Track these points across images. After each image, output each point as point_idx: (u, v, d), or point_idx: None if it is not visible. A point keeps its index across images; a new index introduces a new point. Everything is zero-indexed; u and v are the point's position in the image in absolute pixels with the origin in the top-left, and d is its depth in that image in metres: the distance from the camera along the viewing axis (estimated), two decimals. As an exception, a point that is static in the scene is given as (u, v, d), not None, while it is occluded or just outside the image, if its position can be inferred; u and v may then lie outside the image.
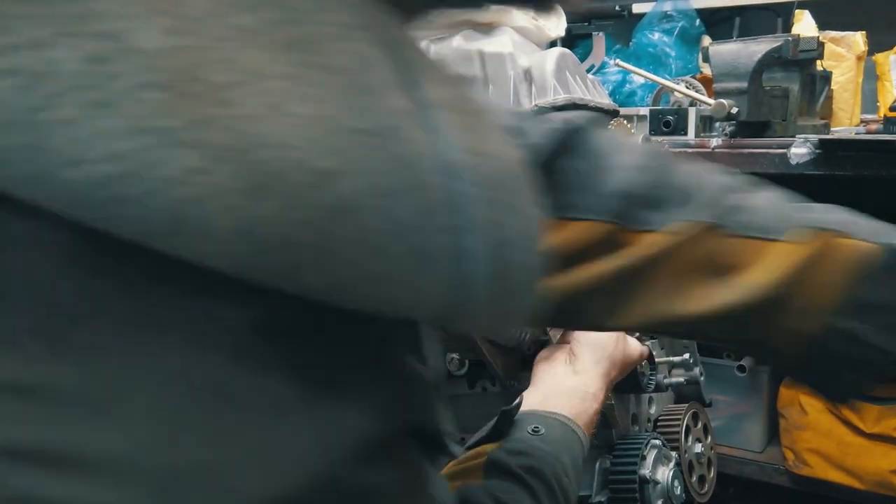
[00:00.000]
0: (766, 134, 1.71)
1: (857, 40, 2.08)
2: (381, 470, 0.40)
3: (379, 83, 0.36)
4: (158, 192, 0.31)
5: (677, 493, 1.17)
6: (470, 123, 0.40)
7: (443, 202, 0.37)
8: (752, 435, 2.06)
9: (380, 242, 0.35)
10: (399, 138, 0.36)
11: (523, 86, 1.35)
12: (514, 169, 0.42)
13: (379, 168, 0.35)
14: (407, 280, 0.37)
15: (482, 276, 0.39)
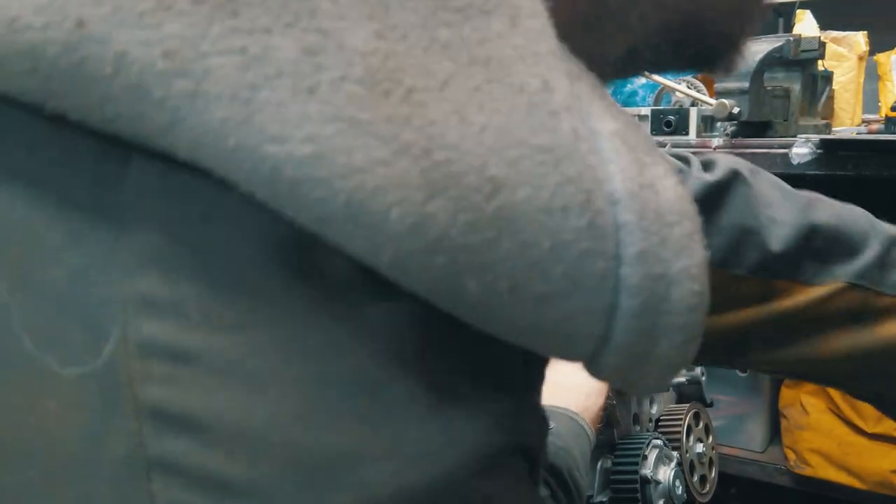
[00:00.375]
0: (767, 134, 1.71)
1: (858, 40, 2.08)
2: (501, 482, 0.40)
3: (560, 105, 0.37)
4: (345, 177, 0.33)
5: (678, 493, 1.17)
6: (638, 158, 0.40)
7: (607, 229, 0.37)
8: (754, 435, 2.06)
9: (540, 259, 0.36)
10: (573, 160, 0.36)
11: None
12: (681, 206, 0.41)
13: (550, 184, 0.36)
14: (559, 303, 0.37)
15: (635, 308, 0.38)
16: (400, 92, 0.34)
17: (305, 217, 0.33)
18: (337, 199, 0.33)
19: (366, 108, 0.33)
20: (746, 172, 0.78)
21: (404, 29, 0.35)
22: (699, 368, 1.41)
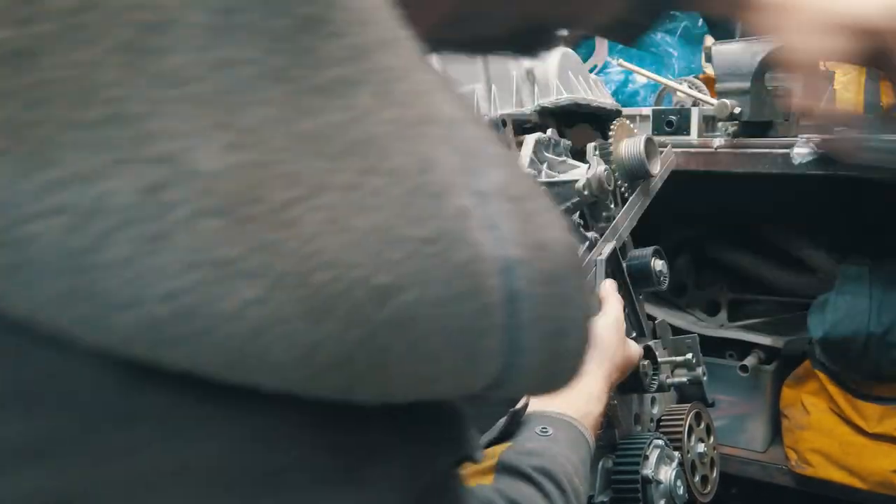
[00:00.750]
0: (768, 134, 1.71)
1: (859, 40, 2.07)
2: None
3: (441, 183, 0.35)
4: (214, 330, 0.29)
5: (680, 493, 1.17)
6: (527, 210, 0.39)
7: (499, 303, 0.36)
8: (755, 435, 2.06)
9: (433, 350, 0.35)
10: (458, 244, 0.35)
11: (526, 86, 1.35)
12: (569, 259, 0.41)
13: (437, 278, 0.34)
14: (458, 377, 0.37)
15: (530, 365, 0.39)
16: (266, 213, 0.30)
17: (179, 369, 0.30)
18: (207, 352, 0.30)
19: (229, 242, 0.29)
20: None
21: (260, 131, 0.30)
22: (700, 369, 1.41)
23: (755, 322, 2.16)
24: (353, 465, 0.37)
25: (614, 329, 1.09)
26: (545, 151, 1.24)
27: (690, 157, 1.72)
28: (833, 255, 2.10)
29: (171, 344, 0.29)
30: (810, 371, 1.92)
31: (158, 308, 0.28)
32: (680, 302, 2.27)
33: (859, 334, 1.73)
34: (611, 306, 1.14)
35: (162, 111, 0.28)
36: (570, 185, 1.20)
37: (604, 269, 1.24)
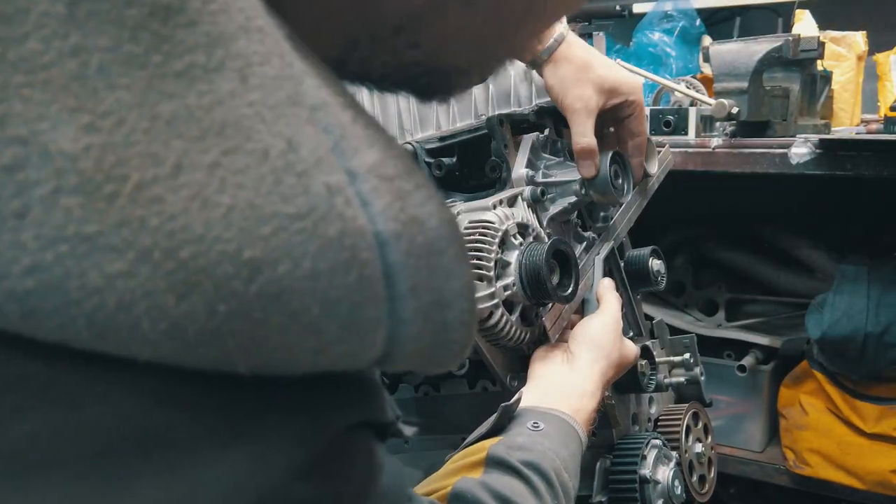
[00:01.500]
0: (766, 134, 1.71)
1: (857, 40, 2.07)
2: (321, 481, 0.41)
3: (309, 162, 0.36)
4: (80, 301, 0.31)
5: (678, 493, 1.17)
6: (400, 188, 0.40)
7: (375, 276, 0.38)
8: (753, 435, 2.06)
9: (312, 323, 0.36)
10: (329, 219, 0.36)
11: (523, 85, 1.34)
12: (445, 233, 0.42)
13: (308, 252, 0.35)
14: (340, 349, 0.38)
15: (415, 336, 0.41)
16: (128, 191, 0.31)
17: (51, 340, 0.31)
18: (77, 323, 0.31)
19: (91, 219, 0.31)
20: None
21: (119, 113, 0.32)
22: (698, 369, 1.41)
23: (753, 322, 2.16)
24: (241, 425, 0.38)
25: (611, 327, 1.09)
26: (542, 151, 1.24)
27: (688, 156, 1.72)
28: (831, 254, 2.11)
29: (41, 316, 0.31)
30: (808, 371, 1.92)
31: (23, 281, 0.30)
32: (678, 302, 2.27)
33: (857, 334, 1.73)
34: (608, 305, 1.14)
35: (17, 95, 0.30)
36: (567, 186, 1.20)
37: (601, 269, 1.24)
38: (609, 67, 1.19)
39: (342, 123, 0.39)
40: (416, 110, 1.41)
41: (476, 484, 0.80)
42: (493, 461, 0.85)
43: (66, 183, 0.30)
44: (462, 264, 0.44)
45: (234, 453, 0.37)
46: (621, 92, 1.19)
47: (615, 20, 2.71)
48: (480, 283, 0.99)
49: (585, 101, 1.16)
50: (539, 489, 0.83)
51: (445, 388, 1.33)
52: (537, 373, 1.06)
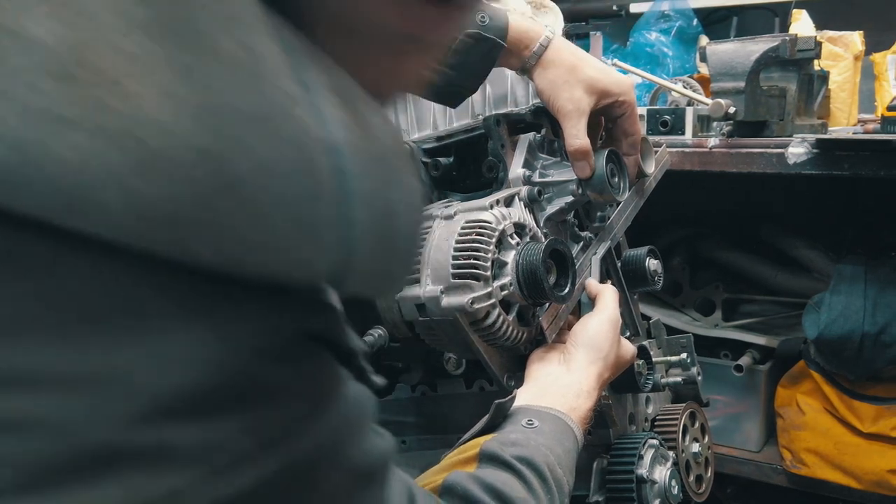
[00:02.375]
0: (763, 133, 1.71)
1: (854, 40, 2.08)
2: (287, 369, 0.45)
3: (270, 70, 0.40)
4: (55, 176, 0.34)
5: (674, 493, 1.17)
6: (353, 107, 0.45)
7: (329, 179, 0.42)
8: (750, 434, 2.06)
9: (267, 217, 0.40)
10: (288, 121, 0.40)
11: (520, 85, 1.34)
12: (394, 147, 0.47)
13: (266, 148, 0.39)
14: (295, 249, 0.41)
15: (367, 241, 0.44)
16: (97, 79, 0.35)
17: (27, 212, 0.35)
18: (53, 196, 0.35)
19: (70, 104, 0.34)
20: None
21: (94, 13, 0.35)
22: (695, 369, 1.41)
23: (750, 322, 2.16)
24: (209, 305, 0.41)
25: (608, 327, 1.09)
26: (539, 151, 1.24)
27: (685, 156, 1.72)
28: (828, 254, 2.11)
29: (18, 186, 0.34)
30: (805, 371, 1.92)
31: (9, 154, 0.34)
32: (675, 301, 2.27)
33: (854, 334, 1.73)
34: (605, 304, 1.13)
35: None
36: (564, 185, 1.19)
37: (598, 269, 1.24)
38: (598, 68, 1.20)
39: (300, 45, 0.44)
40: (413, 110, 1.41)
41: (467, 477, 0.80)
42: (486, 456, 0.85)
43: (43, 68, 0.34)
44: (410, 178, 0.48)
45: (201, 328, 0.41)
46: (612, 92, 1.20)
47: (612, 20, 2.71)
48: (477, 283, 0.99)
49: (576, 103, 1.17)
50: (531, 483, 0.83)
51: (443, 388, 1.33)
52: (534, 373, 1.06)
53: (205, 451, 0.41)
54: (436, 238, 1.04)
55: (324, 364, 0.50)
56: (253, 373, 0.43)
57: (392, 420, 1.42)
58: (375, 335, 1.20)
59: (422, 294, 1.01)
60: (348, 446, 0.52)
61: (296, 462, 0.46)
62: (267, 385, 0.44)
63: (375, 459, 0.57)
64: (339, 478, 0.51)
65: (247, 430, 0.43)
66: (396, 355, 1.25)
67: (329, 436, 0.50)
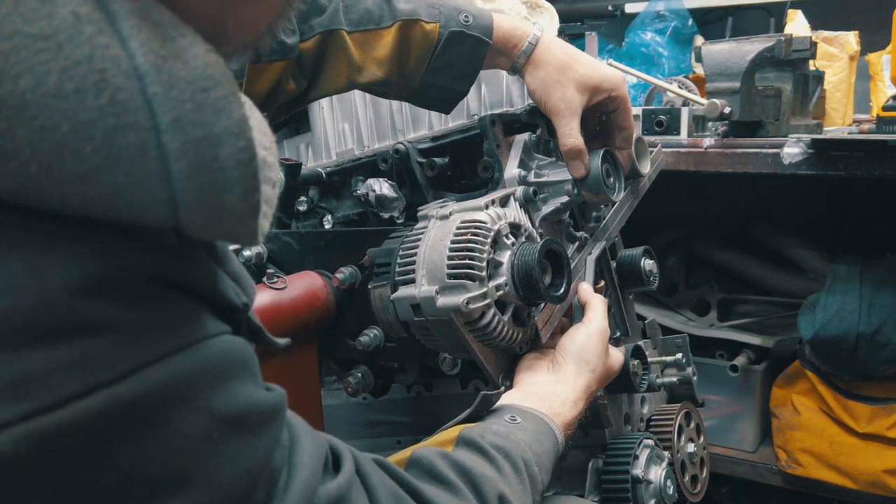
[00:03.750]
0: (758, 134, 1.71)
1: (849, 40, 2.08)
2: (118, 307, 0.44)
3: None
4: None
5: (670, 493, 1.17)
6: (163, 32, 0.43)
7: (132, 103, 0.41)
8: (745, 435, 2.06)
9: (67, 142, 0.39)
10: (77, 43, 0.39)
11: (515, 86, 1.34)
12: (211, 70, 0.45)
13: (55, 70, 0.39)
14: (103, 176, 0.40)
15: (187, 171, 0.43)
16: None
17: None
18: None
19: None
20: None
21: None
22: (690, 369, 1.41)
23: (745, 322, 2.16)
24: (20, 240, 0.41)
25: (597, 340, 1.09)
26: (535, 151, 1.24)
27: (680, 157, 1.72)
28: (823, 254, 2.11)
29: None
30: (800, 371, 1.92)
31: None
32: (670, 302, 2.27)
33: (849, 334, 1.73)
34: (593, 315, 1.12)
35: None
36: (559, 186, 1.19)
37: (593, 269, 1.24)
38: (589, 65, 1.20)
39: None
40: (408, 111, 1.41)
41: (435, 453, 0.80)
42: (463, 441, 0.85)
43: None
44: (231, 104, 0.46)
45: (10, 261, 0.40)
46: (603, 88, 1.20)
47: (607, 20, 2.71)
48: (472, 283, 0.99)
49: (568, 102, 1.17)
50: (503, 469, 0.82)
51: (438, 388, 1.33)
52: (523, 380, 1.06)
53: (15, 384, 0.41)
54: (431, 238, 1.04)
55: (172, 308, 0.49)
56: (72, 306, 0.42)
57: (387, 420, 1.42)
58: (371, 335, 1.20)
59: (417, 294, 1.01)
60: (209, 391, 0.51)
61: (130, 399, 0.45)
62: (89, 320, 0.43)
63: (251, 408, 0.55)
64: (198, 420, 0.50)
65: (65, 363, 0.42)
66: (391, 356, 1.25)
67: (178, 378, 0.48)
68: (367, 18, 1.17)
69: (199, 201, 0.44)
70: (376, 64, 1.18)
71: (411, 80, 1.20)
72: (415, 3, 1.18)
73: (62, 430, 0.42)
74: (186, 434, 0.49)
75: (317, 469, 0.61)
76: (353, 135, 1.50)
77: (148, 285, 0.46)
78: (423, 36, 1.17)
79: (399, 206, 1.30)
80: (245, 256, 1.24)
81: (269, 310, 1.13)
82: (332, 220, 1.42)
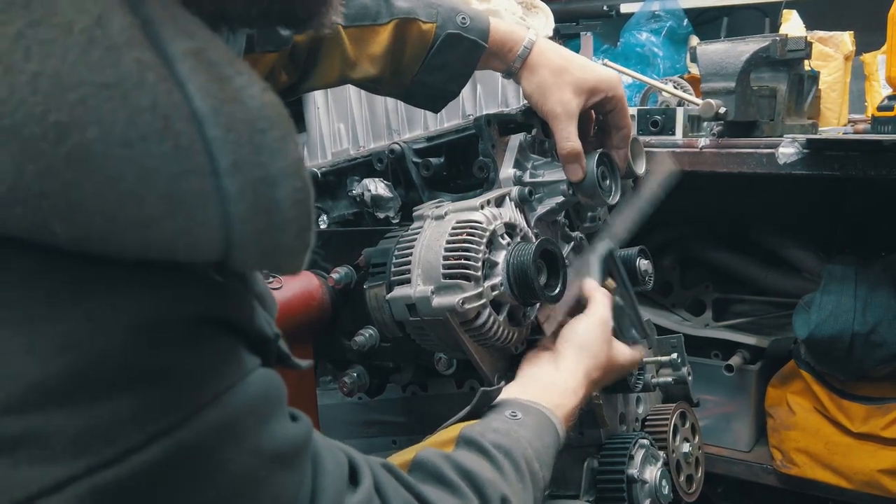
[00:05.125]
0: (753, 134, 1.71)
1: (844, 40, 2.08)
2: (172, 352, 0.44)
3: (118, 38, 0.39)
4: None
5: (665, 493, 1.17)
6: (219, 73, 0.43)
7: (194, 148, 0.40)
8: (740, 434, 2.06)
9: (130, 190, 0.39)
10: (143, 89, 0.39)
11: (511, 85, 1.35)
12: (267, 111, 0.45)
13: (121, 119, 0.38)
14: (165, 222, 0.40)
15: (245, 213, 0.43)
16: None
17: None
18: None
19: None
20: None
21: None
22: (685, 369, 1.41)
23: (740, 322, 2.16)
24: (79, 291, 0.41)
25: (598, 328, 1.09)
26: (530, 151, 1.24)
27: (675, 157, 1.72)
28: (818, 254, 2.11)
29: None
30: (795, 371, 1.92)
31: None
32: (665, 301, 2.27)
33: (844, 334, 1.73)
34: (595, 306, 1.13)
35: None
36: (555, 186, 1.19)
37: (598, 268, 1.23)
38: (585, 67, 1.20)
39: (158, 12, 0.42)
40: (403, 111, 1.41)
41: (439, 455, 0.80)
42: (464, 440, 0.85)
43: None
44: (288, 144, 0.46)
45: (69, 311, 0.40)
46: (599, 90, 1.20)
47: (602, 20, 2.71)
48: (468, 283, 0.99)
49: (565, 105, 1.17)
50: (504, 469, 0.82)
51: (433, 388, 1.33)
52: (523, 372, 1.07)
53: (78, 438, 0.40)
54: (426, 238, 1.04)
55: (220, 348, 0.49)
56: (130, 355, 0.42)
57: (383, 420, 1.42)
58: (366, 335, 1.20)
59: (412, 294, 1.01)
60: (255, 430, 0.51)
61: (188, 445, 0.45)
62: (147, 368, 0.43)
63: (288, 443, 0.55)
64: (246, 460, 0.50)
65: (126, 414, 0.42)
66: (387, 355, 1.25)
67: (228, 419, 0.49)
68: (363, 14, 1.16)
69: (255, 241, 0.45)
70: (370, 61, 1.18)
71: (404, 78, 1.20)
72: (413, 1, 1.17)
73: (123, 483, 0.42)
74: (239, 476, 0.50)
75: (340, 490, 0.61)
76: (349, 135, 1.50)
77: (196, 326, 0.46)
78: (420, 35, 1.17)
79: (394, 206, 1.30)
80: None
81: (265, 310, 1.13)
82: (328, 219, 1.42)
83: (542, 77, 1.19)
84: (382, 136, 1.44)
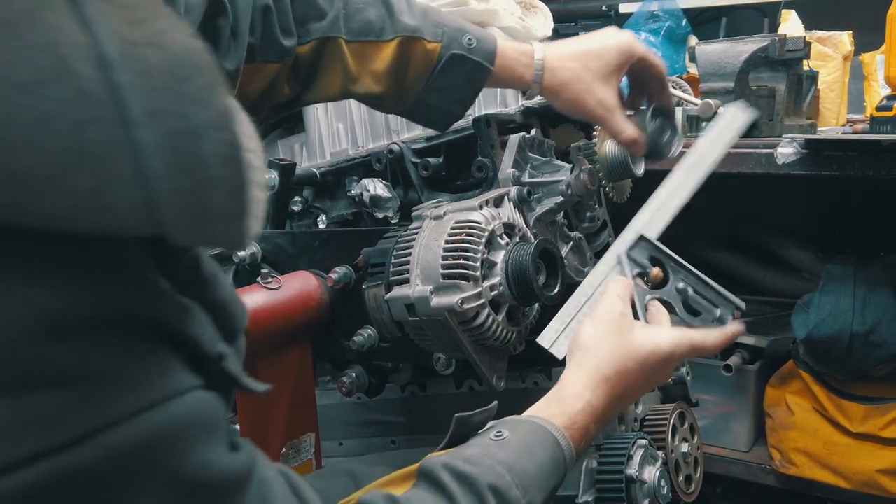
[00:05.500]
0: (752, 134, 1.71)
1: (843, 40, 2.08)
2: (76, 348, 0.39)
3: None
4: None
5: (664, 493, 1.17)
6: (134, 15, 0.39)
7: (100, 94, 0.37)
8: (739, 434, 2.06)
9: (29, 138, 0.35)
10: (37, 28, 0.35)
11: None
12: (191, 58, 0.41)
13: (10, 58, 0.35)
14: (71, 178, 0.36)
15: (165, 169, 0.38)
16: None
17: None
18: None
19: None
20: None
21: None
22: (684, 368, 1.41)
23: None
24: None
25: (602, 324, 1.00)
26: (529, 151, 1.24)
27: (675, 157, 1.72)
28: (817, 254, 2.11)
29: None
30: (794, 371, 1.92)
31: None
32: (664, 302, 2.27)
33: (843, 334, 1.73)
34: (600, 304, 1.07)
35: None
36: (554, 186, 1.19)
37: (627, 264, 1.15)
38: (596, 51, 1.18)
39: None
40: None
41: (382, 498, 0.74)
42: (422, 474, 0.80)
43: None
44: (214, 94, 0.42)
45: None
46: (622, 63, 1.18)
47: (601, 20, 2.71)
48: (467, 283, 0.99)
49: (603, 102, 1.16)
50: (456, 499, 0.76)
51: (432, 388, 1.33)
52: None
53: None
54: (425, 238, 1.04)
55: (146, 359, 0.43)
56: (41, 346, 0.38)
57: (382, 420, 1.42)
58: (365, 335, 1.20)
59: (411, 294, 1.01)
60: (176, 458, 0.45)
61: (82, 469, 0.40)
62: (45, 369, 0.38)
63: (214, 477, 0.48)
64: (160, 493, 0.44)
65: (4, 422, 0.37)
66: (386, 355, 1.25)
67: (141, 443, 0.43)
68: (367, 29, 1.13)
69: (181, 202, 0.40)
70: (373, 77, 1.15)
71: (406, 96, 1.18)
72: (419, 19, 1.14)
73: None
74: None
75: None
76: (348, 135, 1.50)
77: (123, 327, 0.42)
78: (424, 55, 1.14)
79: (393, 206, 1.30)
80: (239, 257, 1.25)
81: (264, 310, 1.13)
82: (327, 219, 1.42)
83: (567, 91, 1.17)
84: (381, 137, 1.44)
